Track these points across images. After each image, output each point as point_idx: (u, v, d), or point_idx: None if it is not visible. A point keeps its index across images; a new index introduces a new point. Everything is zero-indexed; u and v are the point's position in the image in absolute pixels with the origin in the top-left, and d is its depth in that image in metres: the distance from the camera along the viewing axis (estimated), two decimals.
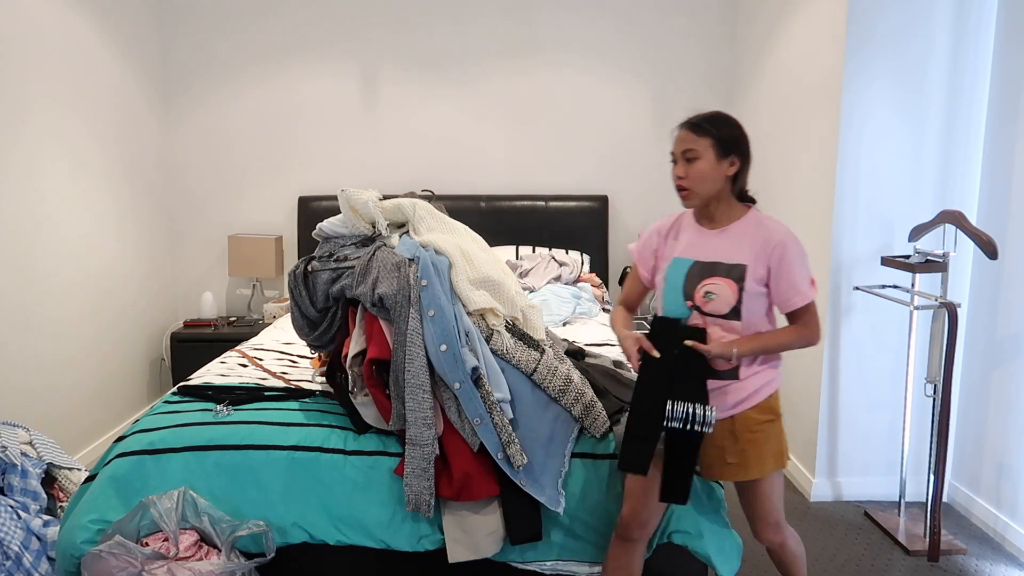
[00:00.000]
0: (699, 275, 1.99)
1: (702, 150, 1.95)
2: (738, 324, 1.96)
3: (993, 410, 3.06)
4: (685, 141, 1.98)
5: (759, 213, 2.04)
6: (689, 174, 1.97)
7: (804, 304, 1.96)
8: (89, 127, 3.68)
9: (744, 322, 1.96)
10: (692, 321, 1.99)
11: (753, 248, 1.97)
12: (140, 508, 2.03)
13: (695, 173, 1.96)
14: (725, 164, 1.97)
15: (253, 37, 4.43)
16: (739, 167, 1.99)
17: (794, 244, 1.96)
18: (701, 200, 2.00)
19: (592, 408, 2.22)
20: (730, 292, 1.95)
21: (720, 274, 1.97)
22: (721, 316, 1.96)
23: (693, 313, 1.99)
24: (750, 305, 1.95)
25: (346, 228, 2.51)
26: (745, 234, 1.99)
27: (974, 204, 3.15)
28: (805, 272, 1.97)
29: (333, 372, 2.39)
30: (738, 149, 1.98)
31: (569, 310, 3.66)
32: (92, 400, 3.72)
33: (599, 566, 2.12)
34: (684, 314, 2.00)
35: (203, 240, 4.60)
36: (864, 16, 3.06)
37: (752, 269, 1.95)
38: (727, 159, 1.97)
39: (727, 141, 1.96)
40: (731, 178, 1.99)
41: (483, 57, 4.46)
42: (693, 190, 1.98)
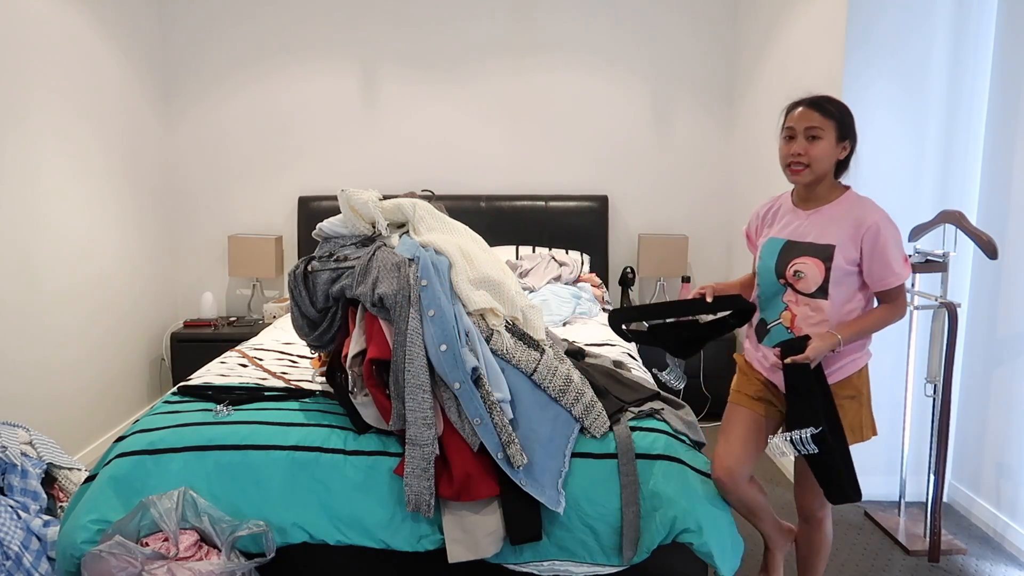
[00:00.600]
0: (790, 254, 2.08)
1: (826, 131, 2.03)
2: (825, 303, 2.04)
3: (993, 410, 3.06)
4: (810, 119, 2.04)
5: (856, 194, 2.09)
6: (810, 152, 2.04)
7: (896, 284, 2.02)
8: (89, 127, 3.68)
9: (831, 301, 2.03)
10: (785, 298, 2.10)
11: (845, 229, 2.03)
12: (140, 508, 2.03)
13: (817, 151, 2.03)
14: (839, 148, 2.06)
15: (253, 37, 4.43)
16: (849, 152, 2.09)
17: (888, 226, 2.01)
18: (814, 177, 2.06)
19: (592, 408, 2.21)
20: (817, 271, 2.04)
21: (809, 253, 2.05)
22: (809, 295, 2.06)
23: (787, 290, 2.09)
24: (838, 284, 2.03)
25: (346, 228, 2.51)
26: (838, 215, 2.06)
27: (974, 204, 3.15)
28: (898, 253, 2.02)
29: (333, 372, 2.39)
30: (853, 134, 2.08)
31: (569, 310, 3.66)
32: (92, 400, 3.72)
33: (597, 567, 2.12)
34: (777, 291, 2.12)
35: (203, 240, 4.60)
36: (864, 16, 3.05)
37: (841, 249, 2.02)
38: (842, 143, 2.06)
39: (847, 125, 2.06)
40: (840, 161, 2.08)
41: (483, 57, 4.46)
42: (811, 168, 2.05)
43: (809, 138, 2.04)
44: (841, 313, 2.05)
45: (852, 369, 2.09)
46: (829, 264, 2.02)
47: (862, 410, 2.12)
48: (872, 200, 2.08)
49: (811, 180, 2.07)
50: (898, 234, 2.03)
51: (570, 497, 2.09)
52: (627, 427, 2.21)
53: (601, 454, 2.16)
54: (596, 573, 2.12)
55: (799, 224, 2.11)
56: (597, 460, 2.15)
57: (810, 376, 1.99)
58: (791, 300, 2.09)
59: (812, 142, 2.04)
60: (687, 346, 2.22)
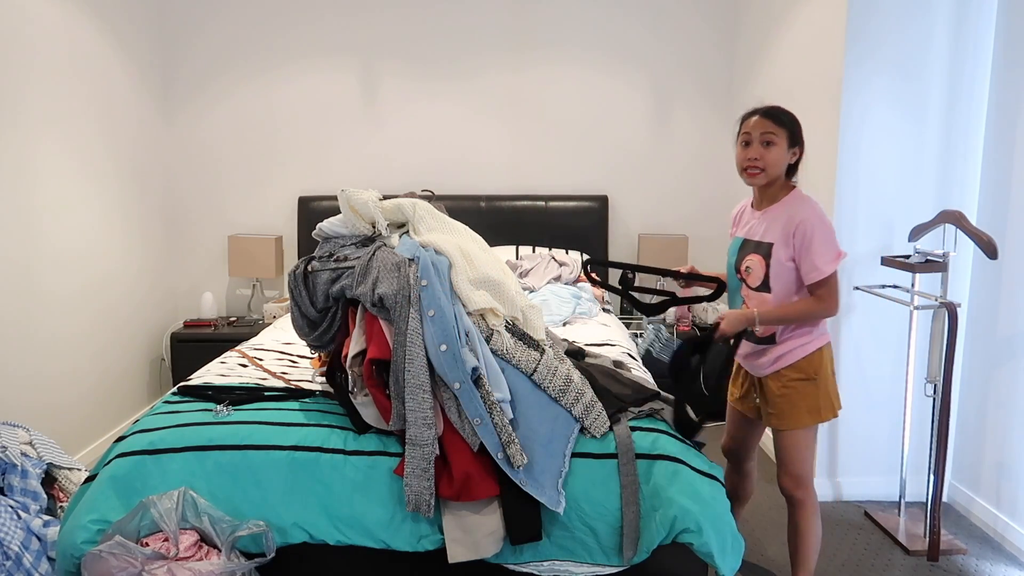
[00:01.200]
0: (744, 252, 2.35)
1: (779, 138, 2.24)
2: (768, 296, 2.28)
3: (993, 410, 3.06)
4: (765, 126, 2.25)
5: (798, 192, 2.30)
6: (765, 156, 2.25)
7: (819, 279, 2.19)
8: (89, 127, 3.68)
9: (774, 294, 2.27)
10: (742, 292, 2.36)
11: (780, 228, 2.24)
12: (140, 508, 2.03)
13: (772, 157, 2.25)
14: (790, 153, 2.28)
15: (253, 37, 4.43)
16: (799, 157, 2.31)
17: (818, 223, 2.19)
18: (768, 180, 2.28)
19: (592, 408, 2.21)
20: (760, 267, 2.28)
21: (755, 251, 2.30)
22: (756, 288, 2.31)
23: (742, 285, 2.35)
24: (778, 279, 2.26)
25: (346, 228, 2.51)
26: (780, 214, 2.27)
27: (974, 204, 3.15)
28: (825, 249, 2.19)
29: (333, 372, 2.39)
30: (801, 142, 2.30)
31: (569, 310, 3.66)
32: (92, 400, 3.72)
33: (597, 567, 2.12)
34: (737, 285, 2.38)
35: (203, 240, 4.60)
36: (863, 16, 3.06)
37: (778, 246, 2.24)
38: (792, 149, 2.28)
39: (796, 133, 2.28)
40: (791, 165, 2.30)
41: (484, 58, 4.46)
42: (766, 171, 2.26)
43: (764, 144, 2.24)
44: (782, 299, 2.27)
45: (801, 353, 2.28)
46: (768, 260, 2.25)
47: (818, 392, 2.28)
48: (810, 199, 2.27)
49: (765, 182, 2.28)
50: (828, 231, 2.20)
51: (570, 497, 2.09)
52: (627, 427, 2.21)
53: (601, 454, 2.16)
54: (596, 573, 2.12)
55: (753, 224, 2.34)
56: (597, 460, 2.15)
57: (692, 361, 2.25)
58: (745, 294, 2.35)
59: (767, 147, 2.24)
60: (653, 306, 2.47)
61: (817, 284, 2.21)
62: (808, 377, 2.27)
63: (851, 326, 3.24)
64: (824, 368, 2.30)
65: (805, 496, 2.34)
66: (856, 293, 3.20)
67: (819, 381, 2.28)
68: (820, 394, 2.28)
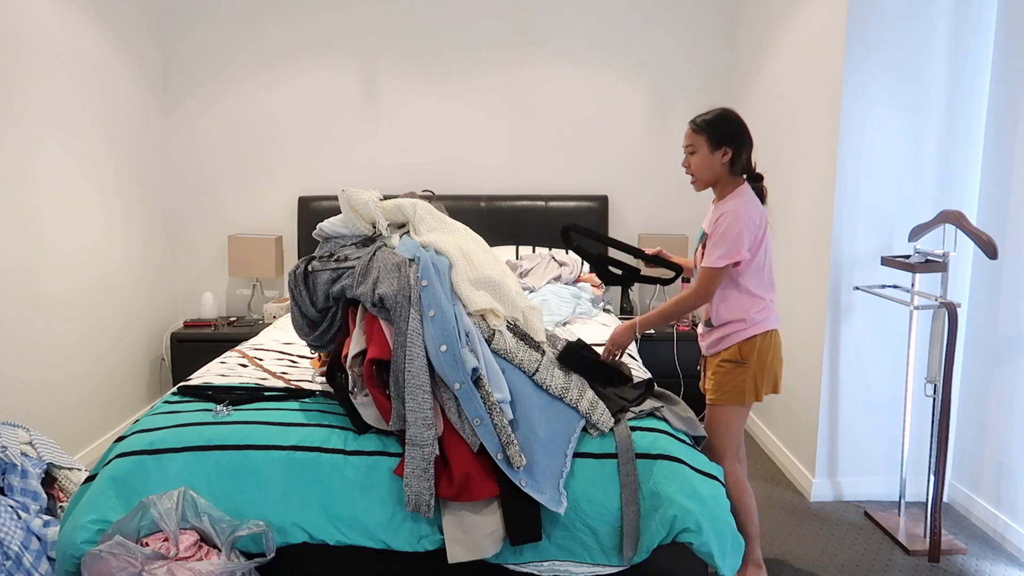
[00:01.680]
0: (700, 241, 2.48)
1: (698, 145, 2.39)
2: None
3: (993, 410, 3.06)
4: (686, 137, 2.43)
5: (744, 188, 2.40)
6: (692, 164, 2.43)
7: (705, 267, 2.36)
8: (90, 127, 3.68)
9: None
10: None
11: (713, 220, 2.39)
12: (140, 508, 2.03)
13: (695, 163, 2.41)
14: (719, 155, 2.38)
15: (253, 37, 4.43)
16: (732, 155, 2.37)
17: (732, 219, 2.32)
18: (704, 184, 2.44)
19: (596, 405, 2.22)
20: (700, 256, 2.44)
21: (703, 241, 2.44)
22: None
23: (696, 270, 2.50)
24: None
25: (346, 228, 2.51)
26: (718, 210, 2.40)
27: (974, 204, 3.15)
28: (723, 244, 2.32)
29: (333, 372, 2.39)
30: (730, 140, 2.37)
31: (569, 310, 3.66)
32: (92, 400, 3.72)
33: (597, 567, 2.12)
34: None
35: (203, 240, 4.60)
36: (864, 16, 3.06)
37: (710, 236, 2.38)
38: (720, 149, 2.37)
39: (719, 136, 2.36)
40: (728, 163, 2.38)
41: (484, 57, 4.46)
42: (696, 177, 2.43)
43: (688, 153, 2.43)
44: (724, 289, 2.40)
45: (736, 339, 2.41)
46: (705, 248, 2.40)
47: (744, 377, 2.42)
48: (746, 196, 2.38)
49: (703, 187, 2.45)
50: (737, 229, 2.31)
51: (570, 497, 2.09)
52: (627, 427, 2.21)
53: (601, 454, 2.16)
54: (596, 573, 2.12)
55: (708, 216, 2.50)
56: (597, 460, 2.15)
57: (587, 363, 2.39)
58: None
59: (691, 156, 2.42)
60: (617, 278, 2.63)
61: (701, 272, 2.38)
62: (739, 361, 2.41)
63: (851, 326, 3.24)
64: (758, 355, 2.41)
65: (730, 472, 2.43)
66: (856, 293, 3.20)
67: (748, 366, 2.41)
68: (748, 378, 2.42)
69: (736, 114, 2.41)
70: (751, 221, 2.33)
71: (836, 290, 3.21)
